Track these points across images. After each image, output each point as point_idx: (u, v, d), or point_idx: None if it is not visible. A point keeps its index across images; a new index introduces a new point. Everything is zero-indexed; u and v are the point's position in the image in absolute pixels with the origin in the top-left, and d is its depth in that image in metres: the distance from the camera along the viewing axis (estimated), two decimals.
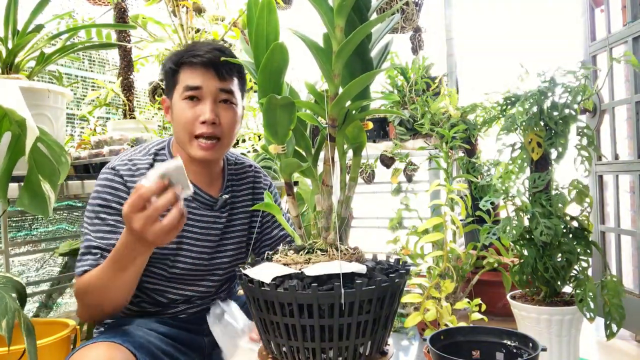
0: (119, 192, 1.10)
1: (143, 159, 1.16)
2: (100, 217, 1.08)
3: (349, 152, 0.93)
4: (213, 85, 1.11)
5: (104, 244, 1.06)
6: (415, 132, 2.36)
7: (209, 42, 1.20)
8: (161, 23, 2.16)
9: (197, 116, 1.10)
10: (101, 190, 1.10)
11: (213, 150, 1.12)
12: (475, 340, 1.02)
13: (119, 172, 1.12)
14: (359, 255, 0.86)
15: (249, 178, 1.31)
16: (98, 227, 1.08)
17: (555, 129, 1.44)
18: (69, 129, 2.56)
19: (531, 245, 1.47)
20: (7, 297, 0.81)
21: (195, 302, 1.23)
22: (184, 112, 1.10)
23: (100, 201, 1.09)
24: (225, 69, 1.11)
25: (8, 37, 1.33)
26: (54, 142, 0.93)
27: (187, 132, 1.11)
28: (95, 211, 1.09)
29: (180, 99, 1.12)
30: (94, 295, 1.01)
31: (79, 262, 1.05)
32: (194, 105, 1.11)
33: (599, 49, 2.07)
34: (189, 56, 1.11)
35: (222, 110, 1.12)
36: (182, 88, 1.11)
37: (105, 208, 1.09)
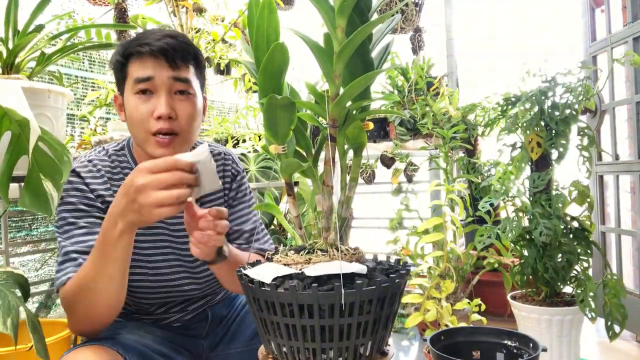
0: (84, 192, 1.04)
1: (103, 159, 1.10)
2: (71, 222, 1.02)
3: (349, 153, 0.93)
4: (166, 75, 1.00)
5: (81, 246, 0.99)
6: (415, 132, 2.36)
7: (160, 29, 1.09)
8: (161, 23, 2.16)
9: (151, 111, 1.00)
10: (65, 195, 1.03)
11: (172, 146, 1.02)
12: (475, 340, 1.02)
13: (80, 173, 1.05)
14: (359, 255, 0.86)
15: (218, 168, 1.21)
16: (71, 233, 1.01)
17: (556, 129, 1.44)
18: (69, 129, 2.56)
19: (531, 245, 1.47)
20: (9, 294, 0.81)
21: (187, 309, 1.19)
22: (136, 108, 1.01)
23: (67, 206, 1.03)
24: (179, 55, 1.01)
25: (8, 37, 1.33)
26: (56, 141, 0.93)
27: (142, 129, 1.02)
28: (63, 217, 1.02)
29: (131, 94, 1.02)
30: (84, 301, 0.92)
31: (59, 272, 0.97)
32: (147, 99, 1.01)
33: (600, 49, 2.07)
34: (135, 45, 1.00)
35: (178, 103, 1.02)
36: (132, 81, 1.01)
37: (74, 212, 1.02)
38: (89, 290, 0.90)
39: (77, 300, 0.92)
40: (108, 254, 0.86)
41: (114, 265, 0.88)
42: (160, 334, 1.11)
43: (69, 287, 0.94)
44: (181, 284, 1.14)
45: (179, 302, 1.18)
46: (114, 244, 0.85)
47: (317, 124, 0.90)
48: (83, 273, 0.91)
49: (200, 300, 1.21)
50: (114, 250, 0.86)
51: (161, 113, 0.99)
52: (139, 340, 1.04)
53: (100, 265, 0.88)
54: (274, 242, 2.28)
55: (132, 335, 1.04)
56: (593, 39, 2.13)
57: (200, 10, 2.22)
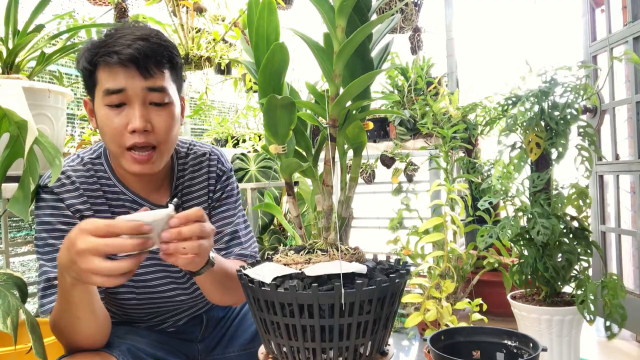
0: (60, 210, 0.97)
1: (78, 168, 1.01)
2: (49, 243, 0.96)
3: (349, 152, 0.93)
4: (138, 86, 0.91)
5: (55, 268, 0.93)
6: (415, 132, 2.36)
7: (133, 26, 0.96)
8: (161, 23, 2.16)
9: (125, 124, 0.92)
10: (40, 213, 0.97)
11: (150, 162, 0.95)
12: (475, 340, 1.02)
13: (52, 189, 0.97)
14: (359, 255, 0.86)
15: (203, 169, 1.12)
16: (51, 255, 0.95)
17: (556, 129, 1.44)
18: (69, 129, 2.56)
19: (531, 245, 1.47)
20: (9, 294, 0.81)
21: (180, 316, 1.17)
22: (108, 121, 0.92)
23: (45, 226, 0.96)
24: (152, 62, 0.91)
25: (9, 37, 1.34)
26: (50, 145, 0.91)
27: (116, 144, 0.93)
28: (42, 238, 0.96)
29: (101, 105, 0.93)
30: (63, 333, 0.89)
31: (44, 299, 0.93)
32: (120, 111, 0.92)
33: (600, 49, 2.07)
34: (104, 54, 0.90)
35: (154, 114, 0.94)
36: (102, 92, 0.92)
37: (52, 232, 0.96)
38: (63, 328, 0.88)
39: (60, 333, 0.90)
40: (67, 299, 0.82)
41: (77, 307, 0.83)
42: (154, 338, 1.10)
43: (52, 317, 0.90)
44: (170, 295, 1.10)
45: (170, 311, 1.15)
46: (70, 290, 0.80)
47: (317, 124, 0.90)
48: (55, 312, 0.88)
49: (192, 308, 1.18)
50: (71, 296, 0.81)
51: (135, 127, 0.91)
52: (134, 345, 1.02)
53: (65, 309, 0.84)
54: (274, 242, 2.29)
55: (126, 340, 1.02)
56: (593, 39, 2.13)
57: (200, 9, 2.22)
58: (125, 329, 1.08)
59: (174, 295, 1.10)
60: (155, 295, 1.09)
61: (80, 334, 0.88)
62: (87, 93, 0.99)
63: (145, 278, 1.07)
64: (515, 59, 1.58)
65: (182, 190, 1.10)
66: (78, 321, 0.86)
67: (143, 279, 1.07)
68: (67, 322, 0.86)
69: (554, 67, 1.47)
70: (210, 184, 1.13)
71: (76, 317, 0.85)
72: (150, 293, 1.08)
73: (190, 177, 1.11)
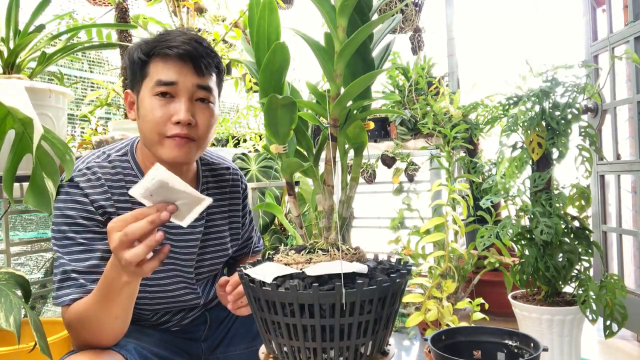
0: (84, 205, 0.98)
1: (103, 165, 1.03)
2: (69, 236, 0.96)
3: (350, 152, 0.93)
4: (190, 82, 0.97)
5: (80, 266, 0.95)
6: (416, 132, 2.36)
7: (184, 31, 1.03)
8: (162, 23, 2.16)
9: (170, 115, 0.97)
10: (63, 206, 0.97)
11: (186, 149, 0.98)
12: (476, 340, 1.02)
13: (78, 184, 0.98)
14: (360, 255, 0.85)
15: (226, 182, 1.20)
16: (69, 249, 0.96)
17: (557, 129, 1.44)
18: (70, 129, 2.56)
19: (532, 244, 1.47)
20: (10, 293, 0.81)
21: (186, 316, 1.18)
22: (154, 110, 0.97)
23: (65, 219, 0.97)
24: (205, 62, 0.98)
25: (9, 37, 1.34)
26: (58, 140, 0.93)
27: (157, 132, 0.97)
28: (61, 231, 0.97)
29: (150, 95, 0.98)
30: (88, 329, 0.90)
31: (60, 291, 0.94)
32: (167, 102, 0.97)
33: (601, 48, 2.06)
34: (163, 47, 0.96)
35: (198, 110, 0.99)
36: (154, 83, 0.97)
37: (72, 226, 0.97)
38: (93, 325, 0.90)
39: (81, 328, 0.91)
40: (113, 299, 0.86)
41: (119, 307, 0.87)
42: (159, 337, 1.11)
43: (73, 313, 0.92)
44: (180, 294, 1.12)
45: (177, 311, 1.17)
46: (119, 290, 0.85)
47: (318, 124, 0.90)
48: (87, 308, 0.89)
49: (197, 307, 1.19)
50: (118, 296, 0.85)
51: (181, 119, 0.96)
52: (139, 344, 1.03)
53: (105, 307, 0.87)
54: (275, 242, 2.29)
55: (132, 339, 1.03)
56: (594, 39, 2.12)
57: (201, 10, 2.22)
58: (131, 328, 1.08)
59: (183, 294, 1.13)
60: (166, 295, 1.11)
61: (107, 333, 0.91)
62: (131, 86, 1.04)
63: (159, 276, 1.09)
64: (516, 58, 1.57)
65: (207, 192, 1.16)
66: (114, 320, 0.89)
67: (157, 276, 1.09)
68: (100, 319, 0.88)
69: (555, 66, 1.47)
70: (234, 198, 1.21)
71: (114, 316, 0.88)
72: (162, 292, 1.10)
73: (215, 187, 1.18)
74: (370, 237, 2.87)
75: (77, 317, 0.91)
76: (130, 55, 1.01)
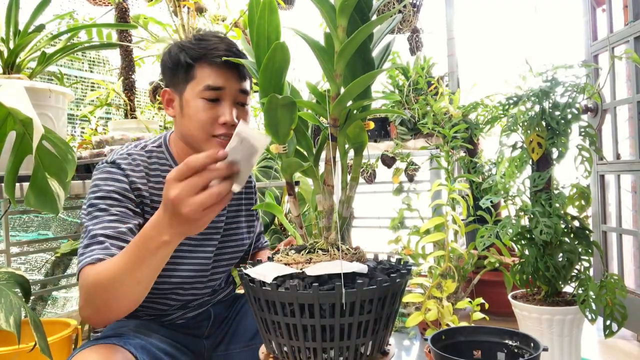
0: (122, 183, 1.04)
1: (141, 153, 1.11)
2: (102, 208, 1.00)
3: (350, 152, 0.93)
4: (234, 87, 1.08)
5: (110, 231, 0.97)
6: (416, 131, 2.36)
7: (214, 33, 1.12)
8: (162, 23, 2.16)
9: (217, 117, 1.06)
10: (102, 183, 1.03)
11: None
12: (476, 340, 1.02)
13: (120, 165, 1.06)
14: (360, 255, 0.85)
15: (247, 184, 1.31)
16: (101, 219, 0.99)
17: (557, 129, 1.44)
18: (70, 129, 2.56)
19: (532, 244, 1.47)
20: (10, 293, 0.81)
21: (192, 306, 1.21)
22: (202, 111, 1.06)
23: (102, 193, 1.02)
24: (244, 69, 1.09)
25: (9, 37, 1.34)
26: (60, 140, 0.93)
27: (204, 131, 1.07)
28: (94, 204, 1.00)
29: (197, 97, 1.07)
30: (104, 294, 0.88)
31: (83, 256, 0.94)
32: (214, 105, 1.07)
33: (601, 48, 2.07)
34: (212, 55, 1.06)
35: (239, 112, 1.10)
36: (202, 87, 1.06)
37: (107, 200, 1.01)
38: (112, 288, 0.87)
39: (97, 291, 0.89)
40: (144, 260, 0.84)
41: (147, 271, 0.85)
42: (163, 333, 1.12)
43: (92, 275, 0.90)
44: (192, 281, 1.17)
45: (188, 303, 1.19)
46: (154, 251, 0.82)
47: (318, 124, 0.90)
48: (109, 269, 0.87)
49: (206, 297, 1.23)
50: (151, 257, 0.83)
51: (227, 120, 1.06)
52: (146, 339, 1.04)
53: (132, 269, 0.85)
54: (275, 242, 2.29)
55: (138, 334, 1.05)
56: (594, 39, 2.12)
57: (201, 10, 2.22)
58: (136, 322, 1.11)
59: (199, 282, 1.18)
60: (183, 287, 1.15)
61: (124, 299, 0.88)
62: (172, 85, 1.12)
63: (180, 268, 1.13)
64: (516, 58, 1.57)
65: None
66: (136, 285, 0.86)
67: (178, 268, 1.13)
68: (121, 282, 0.86)
69: (555, 66, 1.47)
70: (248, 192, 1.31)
71: (137, 281, 0.86)
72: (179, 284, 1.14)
73: None
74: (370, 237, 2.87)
75: (96, 279, 0.88)
76: (173, 57, 1.09)
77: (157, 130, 2.09)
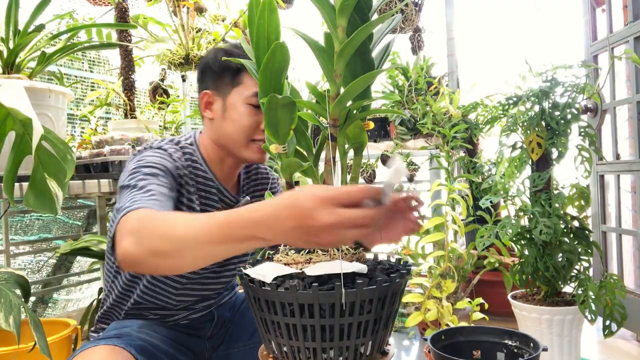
0: (168, 162, 1.04)
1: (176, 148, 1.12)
2: (149, 173, 0.97)
3: (350, 152, 0.93)
4: None
5: (164, 189, 0.94)
6: (416, 131, 2.36)
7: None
8: (162, 23, 2.16)
9: (259, 123, 1.10)
10: (146, 160, 1.00)
11: (265, 153, 1.12)
12: (476, 340, 1.02)
13: (167, 149, 1.07)
14: (360, 255, 0.85)
15: (263, 180, 1.31)
16: (150, 180, 0.95)
17: (557, 129, 1.44)
18: (70, 129, 2.56)
19: (532, 244, 1.47)
20: (10, 293, 0.81)
21: (197, 308, 1.21)
22: (247, 116, 1.10)
23: (145, 168, 0.98)
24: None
25: (9, 37, 1.34)
26: (59, 140, 0.93)
27: (245, 136, 1.10)
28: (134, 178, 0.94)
29: (243, 102, 1.10)
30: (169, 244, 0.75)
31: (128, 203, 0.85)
32: (258, 112, 1.10)
33: (600, 48, 2.06)
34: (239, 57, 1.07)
35: None
36: (250, 93, 1.10)
37: (146, 175, 0.96)
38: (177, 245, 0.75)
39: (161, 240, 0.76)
40: (226, 241, 0.72)
41: (219, 251, 0.74)
42: (166, 334, 1.12)
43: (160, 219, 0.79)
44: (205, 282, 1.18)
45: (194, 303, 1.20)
46: (244, 240, 0.70)
47: (318, 124, 0.90)
48: (183, 227, 0.75)
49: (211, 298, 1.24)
50: (234, 244, 0.72)
51: None
52: (148, 340, 1.04)
53: (207, 241, 0.73)
54: None
55: (141, 334, 1.05)
56: (594, 39, 2.12)
57: (201, 9, 2.22)
58: (140, 323, 1.11)
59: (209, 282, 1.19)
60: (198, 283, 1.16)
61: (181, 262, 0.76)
62: (214, 87, 1.14)
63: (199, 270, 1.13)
64: (516, 58, 1.57)
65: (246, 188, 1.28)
66: (193, 260, 0.75)
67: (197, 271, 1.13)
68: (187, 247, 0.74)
69: (555, 66, 1.47)
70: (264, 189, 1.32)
71: (203, 255, 0.74)
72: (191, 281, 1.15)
73: (252, 183, 1.30)
74: None
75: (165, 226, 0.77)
76: (220, 61, 1.10)
77: (157, 130, 2.09)
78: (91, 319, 1.66)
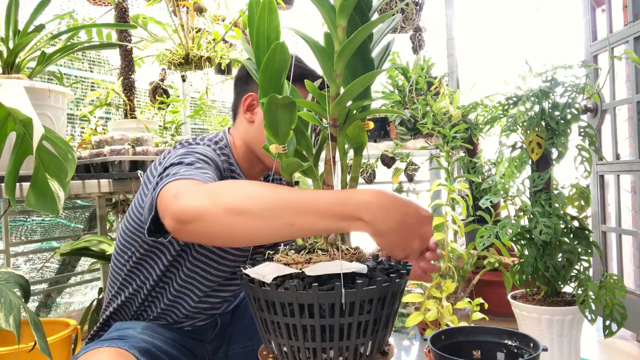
0: (209, 151, 1.02)
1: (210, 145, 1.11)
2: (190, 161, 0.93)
3: (350, 152, 0.93)
4: None
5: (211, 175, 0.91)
6: (416, 131, 2.36)
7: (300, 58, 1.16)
8: (162, 23, 2.16)
9: None
10: (190, 149, 0.99)
11: None
12: (476, 340, 1.02)
13: (208, 144, 1.07)
14: (360, 255, 0.85)
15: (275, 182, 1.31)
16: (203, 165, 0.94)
17: (557, 129, 1.44)
18: (69, 129, 2.56)
19: (531, 244, 1.47)
20: (10, 293, 0.81)
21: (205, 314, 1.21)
22: None
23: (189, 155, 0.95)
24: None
25: (9, 37, 1.34)
26: (60, 139, 0.93)
27: None
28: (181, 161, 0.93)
29: None
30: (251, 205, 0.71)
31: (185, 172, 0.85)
32: None
33: (600, 48, 2.07)
34: (314, 77, 1.07)
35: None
36: None
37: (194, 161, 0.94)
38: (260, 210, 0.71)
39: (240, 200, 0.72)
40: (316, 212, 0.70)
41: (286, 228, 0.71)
42: (169, 336, 1.12)
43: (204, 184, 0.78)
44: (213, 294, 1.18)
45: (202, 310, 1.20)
46: (338, 221, 0.70)
47: (318, 124, 0.90)
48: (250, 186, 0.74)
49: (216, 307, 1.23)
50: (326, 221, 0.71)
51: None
52: (150, 341, 1.04)
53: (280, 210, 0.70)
54: None
55: (143, 336, 1.05)
56: (594, 39, 2.12)
57: (200, 9, 2.22)
58: (143, 325, 1.11)
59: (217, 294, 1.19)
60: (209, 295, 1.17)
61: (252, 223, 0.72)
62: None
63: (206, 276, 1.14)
64: (516, 58, 1.57)
65: None
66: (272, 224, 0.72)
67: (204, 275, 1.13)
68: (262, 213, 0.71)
69: (555, 66, 1.47)
70: None
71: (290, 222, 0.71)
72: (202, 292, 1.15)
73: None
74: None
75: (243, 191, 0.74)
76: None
77: (157, 130, 2.09)
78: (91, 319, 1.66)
